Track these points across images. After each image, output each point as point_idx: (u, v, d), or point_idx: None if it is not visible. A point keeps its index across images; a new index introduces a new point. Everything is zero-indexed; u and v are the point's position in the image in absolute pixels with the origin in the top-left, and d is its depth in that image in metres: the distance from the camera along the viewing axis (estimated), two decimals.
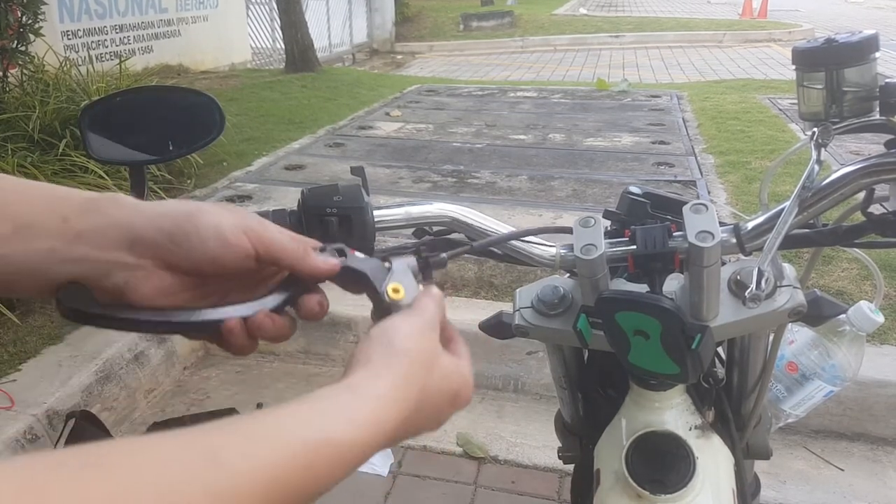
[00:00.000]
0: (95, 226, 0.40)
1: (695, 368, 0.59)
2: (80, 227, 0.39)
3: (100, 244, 0.40)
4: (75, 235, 0.39)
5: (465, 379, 0.46)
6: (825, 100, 0.61)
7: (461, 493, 1.85)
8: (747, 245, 0.62)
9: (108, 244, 0.40)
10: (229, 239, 0.42)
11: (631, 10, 17.97)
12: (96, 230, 0.40)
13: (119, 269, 0.41)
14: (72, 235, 0.39)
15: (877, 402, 1.99)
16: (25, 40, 3.56)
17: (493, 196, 3.43)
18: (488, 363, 2.28)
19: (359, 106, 5.74)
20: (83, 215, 0.40)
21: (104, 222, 0.40)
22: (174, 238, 0.41)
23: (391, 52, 12.53)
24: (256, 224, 0.44)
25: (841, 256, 2.56)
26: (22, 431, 1.80)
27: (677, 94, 5.99)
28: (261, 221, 0.44)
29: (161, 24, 7.26)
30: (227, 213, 0.43)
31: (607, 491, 0.71)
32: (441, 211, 0.65)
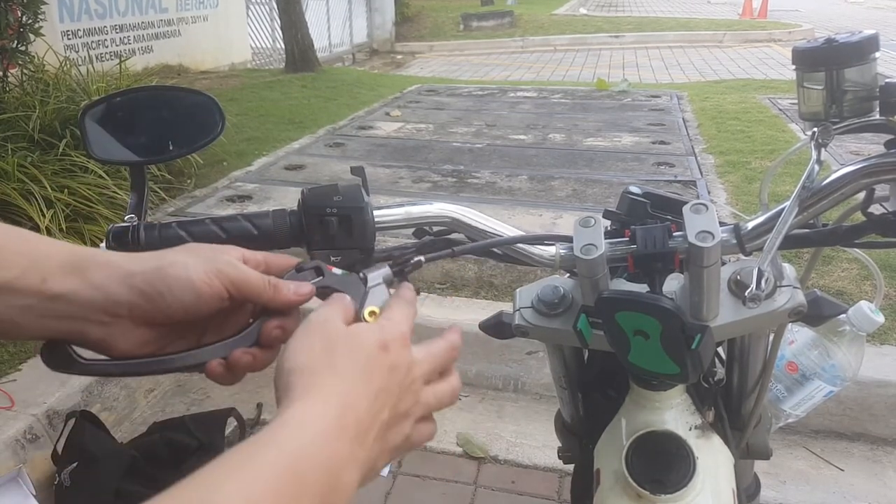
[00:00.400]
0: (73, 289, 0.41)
1: (695, 368, 0.59)
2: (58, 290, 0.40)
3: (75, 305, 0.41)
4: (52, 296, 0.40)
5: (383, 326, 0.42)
6: (825, 100, 0.61)
7: (461, 493, 1.85)
8: (747, 245, 0.62)
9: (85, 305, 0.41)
10: (202, 290, 0.43)
11: (631, 10, 17.97)
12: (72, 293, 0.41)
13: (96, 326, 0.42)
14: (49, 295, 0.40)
15: (877, 402, 1.99)
16: (25, 40, 3.56)
17: (493, 196, 3.43)
18: (488, 363, 2.28)
19: (359, 106, 5.74)
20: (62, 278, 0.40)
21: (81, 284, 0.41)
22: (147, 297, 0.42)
23: (391, 52, 12.53)
24: (225, 266, 0.44)
25: (841, 256, 2.56)
26: (22, 431, 1.80)
27: (677, 94, 5.99)
28: (229, 263, 0.45)
29: (161, 24, 7.26)
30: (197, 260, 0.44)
31: (607, 491, 0.71)
32: (441, 211, 0.65)
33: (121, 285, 0.42)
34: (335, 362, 0.39)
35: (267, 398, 2.23)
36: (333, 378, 0.38)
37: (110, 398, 2.09)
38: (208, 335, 0.48)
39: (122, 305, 0.42)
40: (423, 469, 1.93)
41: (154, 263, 0.43)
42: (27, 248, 0.41)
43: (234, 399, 2.23)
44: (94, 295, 0.41)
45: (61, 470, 1.73)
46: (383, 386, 0.39)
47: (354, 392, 0.38)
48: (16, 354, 2.11)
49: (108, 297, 0.41)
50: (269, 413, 2.16)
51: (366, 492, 1.85)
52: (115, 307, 0.42)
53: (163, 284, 0.42)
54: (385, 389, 0.40)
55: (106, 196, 2.88)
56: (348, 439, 0.36)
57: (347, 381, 0.38)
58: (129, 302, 0.42)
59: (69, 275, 0.41)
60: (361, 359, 0.39)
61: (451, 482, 1.88)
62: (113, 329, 0.42)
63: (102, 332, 0.42)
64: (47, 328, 0.41)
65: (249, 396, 2.25)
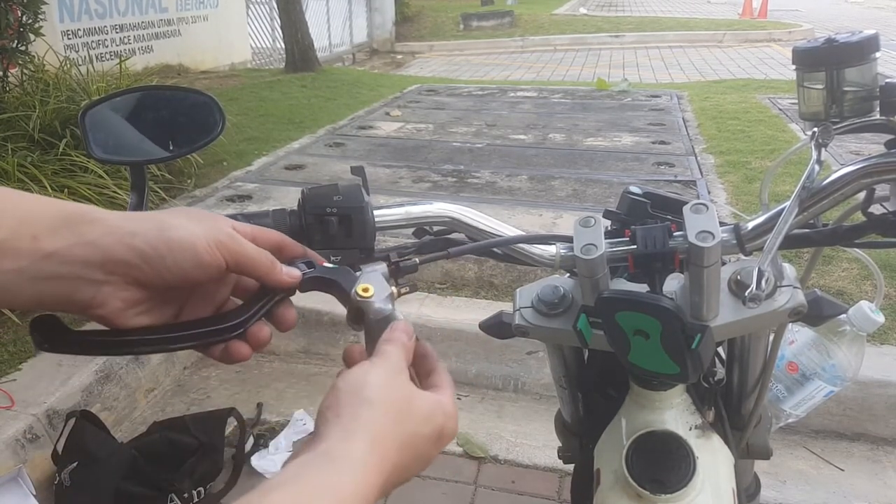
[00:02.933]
0: (65, 245, 0.39)
1: (695, 368, 0.59)
2: (50, 248, 0.39)
3: (69, 262, 0.39)
4: (45, 255, 0.39)
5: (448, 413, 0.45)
6: (825, 100, 0.61)
7: (461, 493, 1.85)
8: (747, 245, 0.62)
9: (78, 262, 0.39)
10: (203, 258, 0.42)
11: (631, 10, 17.97)
12: (66, 249, 0.39)
13: (87, 285, 0.40)
14: (41, 255, 0.38)
15: (877, 402, 1.99)
16: (25, 40, 3.56)
17: (493, 196, 3.43)
18: (488, 363, 2.28)
19: (359, 106, 5.74)
20: (53, 234, 0.39)
21: (74, 241, 0.39)
22: (147, 258, 0.41)
23: (391, 52, 12.53)
24: (227, 238, 0.44)
25: (841, 256, 2.56)
26: (22, 431, 1.80)
27: (677, 94, 5.99)
28: (230, 235, 0.44)
29: (161, 23, 7.25)
30: (199, 227, 0.43)
31: (607, 491, 0.71)
32: (441, 211, 0.65)
33: (119, 244, 0.40)
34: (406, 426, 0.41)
35: (267, 398, 2.23)
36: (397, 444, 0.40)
37: (110, 398, 2.09)
38: (187, 307, 0.47)
39: (119, 264, 0.40)
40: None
41: (155, 224, 0.42)
42: (15, 206, 0.38)
43: (235, 399, 2.23)
44: (88, 251, 0.40)
45: (61, 470, 1.73)
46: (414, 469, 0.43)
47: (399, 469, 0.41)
48: (16, 354, 2.11)
49: (104, 254, 0.40)
50: (269, 413, 2.16)
51: None
52: (111, 265, 0.40)
53: (165, 247, 0.41)
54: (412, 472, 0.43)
55: (106, 196, 2.88)
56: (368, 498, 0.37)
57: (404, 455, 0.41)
58: (127, 261, 0.40)
59: (61, 231, 0.39)
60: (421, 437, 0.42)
61: (451, 482, 1.88)
62: (104, 288, 0.41)
63: (93, 290, 0.41)
64: (40, 293, 0.39)
65: (249, 396, 2.25)
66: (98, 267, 0.40)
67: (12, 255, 0.38)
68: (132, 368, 2.20)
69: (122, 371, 2.15)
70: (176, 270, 0.42)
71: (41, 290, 0.39)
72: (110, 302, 0.41)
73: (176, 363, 2.39)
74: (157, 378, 2.30)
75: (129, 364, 2.19)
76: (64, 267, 0.39)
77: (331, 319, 2.37)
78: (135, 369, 2.21)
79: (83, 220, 0.40)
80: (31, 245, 0.38)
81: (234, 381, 2.35)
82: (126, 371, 2.17)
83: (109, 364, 2.12)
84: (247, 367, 2.42)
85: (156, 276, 0.42)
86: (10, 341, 2.17)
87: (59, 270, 0.39)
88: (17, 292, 0.39)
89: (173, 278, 0.42)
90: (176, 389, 2.31)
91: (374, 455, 0.38)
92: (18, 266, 0.38)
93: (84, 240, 0.39)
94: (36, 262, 0.38)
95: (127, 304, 0.42)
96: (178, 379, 2.36)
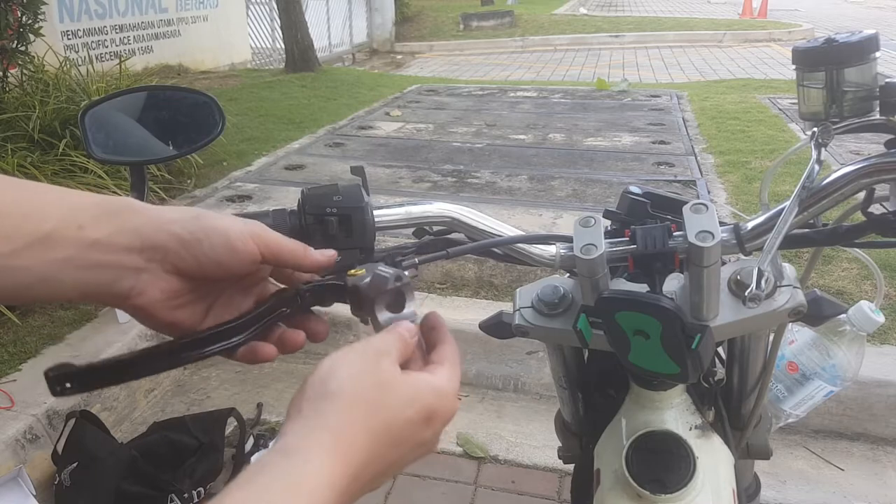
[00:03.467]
0: (109, 232, 0.41)
1: (695, 368, 0.59)
2: (95, 235, 0.40)
3: (113, 250, 0.41)
4: (90, 243, 0.40)
5: (440, 391, 0.42)
6: (825, 100, 0.61)
7: (461, 493, 1.85)
8: (747, 245, 0.62)
9: (121, 249, 0.41)
10: (237, 245, 0.44)
11: (631, 9, 17.97)
12: (110, 237, 0.41)
13: (129, 272, 0.42)
14: (87, 243, 0.40)
15: (877, 402, 1.99)
16: (25, 40, 3.56)
17: (493, 196, 3.43)
18: (488, 363, 2.28)
19: (359, 106, 5.74)
20: (97, 223, 0.41)
21: (117, 228, 0.41)
22: (185, 243, 0.43)
23: (391, 52, 12.53)
24: (260, 230, 0.46)
25: (841, 256, 2.56)
26: (22, 431, 1.80)
27: (677, 94, 5.99)
28: (263, 227, 0.46)
29: (161, 24, 7.26)
30: (234, 221, 0.45)
31: (607, 491, 0.71)
32: (441, 211, 0.65)
33: (158, 230, 0.42)
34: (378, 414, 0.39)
35: (267, 398, 2.23)
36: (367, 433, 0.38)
37: (110, 398, 2.09)
38: (217, 306, 0.48)
39: (159, 250, 0.42)
40: (423, 469, 1.93)
41: (191, 214, 0.44)
42: (60, 199, 0.40)
43: (234, 399, 2.23)
44: (130, 239, 0.41)
45: (61, 470, 1.73)
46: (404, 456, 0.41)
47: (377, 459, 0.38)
48: (16, 354, 2.11)
49: (144, 241, 0.42)
50: (269, 413, 2.16)
51: None
52: (151, 251, 0.42)
53: (201, 232, 0.43)
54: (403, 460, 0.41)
55: None
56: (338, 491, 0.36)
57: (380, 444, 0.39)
58: (166, 247, 0.42)
59: (104, 220, 0.41)
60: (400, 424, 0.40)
61: (451, 482, 1.88)
62: (143, 276, 0.42)
63: (133, 279, 0.42)
64: (84, 282, 0.41)
65: (249, 396, 2.25)
66: (138, 253, 0.42)
67: (60, 244, 0.39)
68: None
69: None
70: (212, 255, 0.43)
71: (86, 280, 0.41)
72: (149, 291, 0.43)
73: None
74: (157, 378, 2.30)
75: None
76: (107, 255, 0.41)
77: (330, 319, 2.36)
78: None
79: (124, 210, 0.42)
80: (77, 234, 0.40)
81: (234, 381, 2.35)
82: None
83: None
84: (247, 367, 2.42)
85: (193, 262, 0.43)
86: (10, 341, 2.17)
87: (103, 258, 0.41)
88: (62, 281, 0.40)
89: (209, 264, 0.43)
90: (176, 389, 2.31)
91: (338, 448, 0.36)
92: (66, 255, 0.39)
93: (125, 228, 0.41)
94: (81, 250, 0.40)
95: (164, 295, 0.44)
96: (178, 379, 2.36)
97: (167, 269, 0.43)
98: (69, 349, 2.15)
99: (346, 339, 2.37)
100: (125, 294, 0.42)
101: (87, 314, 2.34)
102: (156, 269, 0.43)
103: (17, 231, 0.38)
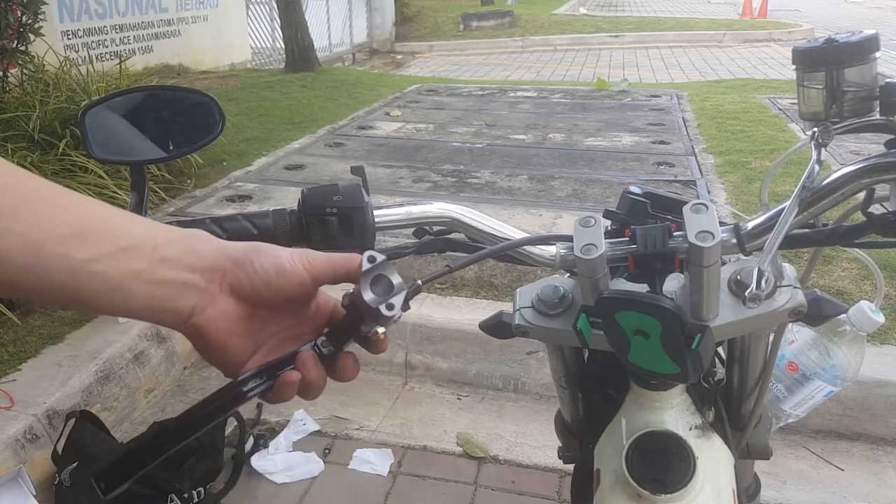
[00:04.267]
0: (178, 253, 0.46)
1: (695, 368, 0.59)
2: (166, 254, 0.45)
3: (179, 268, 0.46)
4: (160, 260, 0.45)
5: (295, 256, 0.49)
6: (825, 100, 0.61)
7: (461, 493, 1.85)
8: (747, 245, 0.62)
9: (186, 268, 0.46)
10: (285, 265, 0.48)
11: (631, 9, 17.97)
12: (178, 257, 0.46)
13: (191, 291, 0.46)
14: (158, 260, 0.45)
15: (877, 402, 1.99)
16: (25, 40, 3.56)
17: (493, 196, 3.43)
18: (488, 363, 2.28)
19: (359, 106, 5.74)
20: (170, 244, 0.46)
21: (184, 251, 0.46)
22: (238, 263, 0.47)
23: (391, 52, 12.53)
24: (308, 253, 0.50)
25: (841, 256, 2.56)
26: (22, 431, 1.80)
27: (677, 94, 5.99)
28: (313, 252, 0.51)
29: (161, 23, 7.26)
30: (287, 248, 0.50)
31: (607, 491, 0.71)
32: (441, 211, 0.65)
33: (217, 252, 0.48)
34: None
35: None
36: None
37: (110, 398, 2.09)
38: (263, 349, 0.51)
39: (217, 270, 0.47)
40: (423, 469, 1.93)
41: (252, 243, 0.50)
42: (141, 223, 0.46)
43: None
44: (195, 258, 0.47)
45: (61, 470, 1.73)
46: None
47: None
48: (16, 354, 2.11)
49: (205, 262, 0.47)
50: (269, 413, 2.16)
51: (366, 492, 1.86)
52: (211, 272, 0.47)
53: (253, 253, 0.48)
54: None
55: (106, 196, 2.87)
56: None
57: None
58: (224, 268, 0.47)
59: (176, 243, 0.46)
60: None
61: (451, 482, 1.88)
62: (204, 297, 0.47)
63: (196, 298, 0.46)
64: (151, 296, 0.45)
65: None
66: (200, 273, 0.46)
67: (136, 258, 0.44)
68: (132, 369, 2.20)
69: (122, 371, 2.15)
70: (262, 273, 0.47)
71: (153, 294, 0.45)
72: (208, 310, 0.47)
73: (176, 363, 2.39)
74: (157, 378, 2.30)
75: (129, 364, 2.19)
76: (174, 272, 0.45)
77: None
78: (135, 370, 2.21)
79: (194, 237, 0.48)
80: (151, 252, 0.45)
81: None
82: (126, 371, 2.17)
83: (109, 364, 2.12)
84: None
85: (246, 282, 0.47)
86: (10, 341, 2.17)
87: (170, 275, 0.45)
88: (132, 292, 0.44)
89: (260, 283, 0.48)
90: (176, 390, 2.31)
91: None
92: (139, 268, 0.44)
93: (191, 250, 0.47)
94: (153, 265, 0.45)
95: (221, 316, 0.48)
96: (178, 379, 2.36)
97: (225, 290, 0.48)
98: (69, 349, 2.15)
99: None
100: (187, 312, 0.46)
101: (86, 315, 2.34)
102: (214, 290, 0.47)
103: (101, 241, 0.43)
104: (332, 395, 2.22)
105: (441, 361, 2.32)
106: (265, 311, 0.49)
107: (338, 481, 1.90)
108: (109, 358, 2.13)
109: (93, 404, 2.01)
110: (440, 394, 2.27)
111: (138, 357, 2.23)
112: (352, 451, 1.99)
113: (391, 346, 2.31)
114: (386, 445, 2.02)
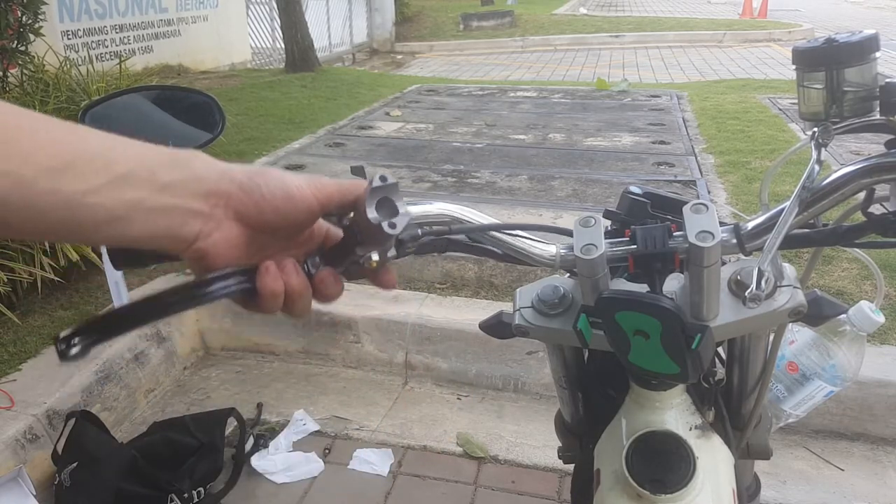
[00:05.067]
0: (179, 178, 0.44)
1: (695, 368, 0.59)
2: (166, 180, 0.43)
3: (181, 194, 0.44)
4: (161, 187, 0.43)
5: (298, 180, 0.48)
6: (825, 100, 0.61)
7: (461, 493, 1.85)
8: (747, 245, 0.62)
9: (188, 194, 0.44)
10: (293, 192, 0.47)
11: (631, 10, 17.97)
12: (180, 182, 0.44)
13: (195, 217, 0.45)
14: (158, 186, 0.43)
15: (877, 402, 1.99)
16: (25, 40, 3.55)
17: (493, 196, 3.43)
18: (488, 363, 2.28)
19: (359, 106, 5.74)
20: (168, 169, 0.43)
21: (186, 175, 0.44)
22: (245, 189, 0.46)
23: (391, 52, 12.53)
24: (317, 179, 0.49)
25: (841, 256, 2.56)
26: (22, 431, 1.80)
27: (677, 94, 5.99)
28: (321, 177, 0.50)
29: (161, 24, 7.26)
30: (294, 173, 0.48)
31: (607, 491, 0.71)
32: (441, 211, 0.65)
33: (221, 176, 0.46)
34: None
35: (267, 398, 2.23)
36: None
37: (110, 398, 2.09)
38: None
39: (221, 195, 0.45)
40: (423, 469, 1.93)
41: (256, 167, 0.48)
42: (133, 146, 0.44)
43: (234, 399, 2.23)
44: (198, 184, 0.45)
45: (61, 470, 1.73)
46: None
47: None
48: (16, 354, 2.11)
49: (209, 186, 0.45)
50: (269, 413, 2.16)
51: (366, 492, 1.86)
52: (215, 197, 0.45)
53: (260, 178, 0.46)
54: None
55: None
56: None
57: None
58: (228, 193, 0.46)
59: (175, 167, 0.44)
60: None
61: (451, 482, 1.88)
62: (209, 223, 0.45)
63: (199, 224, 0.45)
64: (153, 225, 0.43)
65: (249, 396, 2.25)
66: (203, 199, 0.45)
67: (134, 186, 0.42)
68: (132, 369, 2.20)
69: (122, 371, 2.15)
70: (270, 199, 0.46)
71: (154, 222, 0.43)
72: (213, 235, 0.46)
73: (176, 363, 2.39)
74: (157, 378, 2.30)
75: (129, 364, 2.19)
76: (176, 198, 0.43)
77: (331, 319, 2.37)
78: (135, 369, 2.21)
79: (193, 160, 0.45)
80: (149, 178, 0.42)
81: (234, 381, 2.35)
82: (126, 371, 2.17)
83: (109, 364, 2.12)
84: (247, 367, 2.43)
85: (253, 208, 0.46)
86: (10, 341, 2.17)
87: (172, 202, 0.43)
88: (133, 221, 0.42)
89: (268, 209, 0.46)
90: (176, 389, 2.31)
91: None
92: (139, 196, 0.42)
93: (193, 174, 0.44)
94: (153, 193, 0.42)
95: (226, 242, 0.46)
96: (178, 379, 2.36)
97: (229, 215, 0.46)
98: None
99: (345, 338, 2.37)
100: (192, 237, 0.45)
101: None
102: (219, 215, 0.46)
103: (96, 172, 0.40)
104: (332, 395, 2.23)
105: (441, 361, 2.32)
106: (264, 235, 0.48)
107: (338, 481, 1.90)
108: (109, 358, 2.13)
109: (93, 404, 2.01)
110: (440, 394, 2.28)
111: (138, 357, 2.23)
112: (352, 451, 1.99)
113: (391, 347, 2.31)
114: (386, 445, 2.02)
